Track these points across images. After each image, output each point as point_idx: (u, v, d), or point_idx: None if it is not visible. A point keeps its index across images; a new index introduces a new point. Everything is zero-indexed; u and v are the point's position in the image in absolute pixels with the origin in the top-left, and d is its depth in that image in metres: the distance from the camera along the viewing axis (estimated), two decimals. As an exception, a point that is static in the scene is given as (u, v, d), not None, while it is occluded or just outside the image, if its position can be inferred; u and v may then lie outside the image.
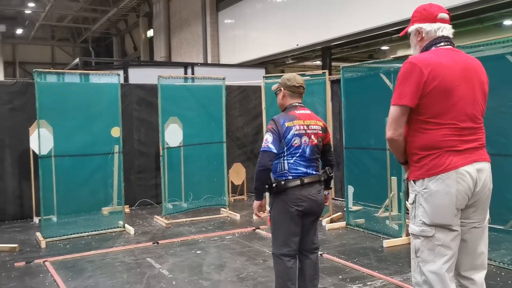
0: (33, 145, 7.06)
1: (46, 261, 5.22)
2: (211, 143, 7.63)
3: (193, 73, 10.09)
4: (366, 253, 5.30)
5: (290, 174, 3.39)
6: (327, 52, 13.57)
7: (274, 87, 3.75)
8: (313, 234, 3.58)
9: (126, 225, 6.60)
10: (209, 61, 16.36)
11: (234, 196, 8.80)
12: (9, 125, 7.35)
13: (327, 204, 3.80)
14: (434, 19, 2.68)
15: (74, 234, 6.31)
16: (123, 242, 6.02)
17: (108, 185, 7.14)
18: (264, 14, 14.08)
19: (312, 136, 3.47)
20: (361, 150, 6.43)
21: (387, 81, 6.02)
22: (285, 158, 3.41)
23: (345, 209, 6.71)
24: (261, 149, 3.37)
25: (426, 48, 2.69)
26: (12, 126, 7.37)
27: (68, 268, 5.01)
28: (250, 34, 14.87)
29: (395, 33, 10.70)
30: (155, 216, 7.32)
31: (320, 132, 3.54)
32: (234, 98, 9.10)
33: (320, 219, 6.72)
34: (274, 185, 3.38)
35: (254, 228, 6.45)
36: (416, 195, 2.61)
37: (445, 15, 2.70)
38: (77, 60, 10.82)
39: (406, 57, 5.41)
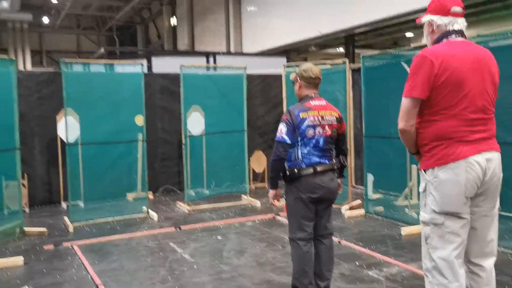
0: (61, 133, 7.30)
1: (74, 244, 5.45)
2: (232, 132, 7.76)
3: (215, 62, 10.20)
4: (384, 241, 5.36)
5: (303, 163, 3.49)
6: (350, 40, 13.46)
7: (292, 76, 3.83)
8: (326, 220, 3.68)
9: (150, 211, 6.79)
10: (232, 49, 16.43)
11: (255, 184, 8.93)
12: (38, 113, 7.61)
13: (340, 191, 3.89)
14: (446, 12, 2.70)
15: (100, 218, 6.53)
16: (146, 227, 6.21)
17: (133, 172, 7.35)
18: (286, 1, 14.02)
19: (326, 127, 3.55)
20: (381, 139, 6.45)
21: (408, 69, 6.02)
22: (299, 147, 3.51)
23: (364, 197, 6.77)
24: (276, 139, 3.48)
25: (437, 40, 2.74)
26: (41, 114, 7.62)
27: (95, 251, 5.23)
28: (273, 21, 14.83)
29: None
30: (178, 202, 7.51)
31: (335, 122, 3.62)
32: (255, 87, 9.18)
33: (340, 206, 6.81)
34: (287, 173, 3.50)
35: (274, 215, 6.57)
36: (426, 183, 2.69)
37: (458, 9, 2.72)
38: (102, 49, 11.00)
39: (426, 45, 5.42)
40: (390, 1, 9.97)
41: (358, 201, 7.08)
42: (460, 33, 2.71)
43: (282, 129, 3.49)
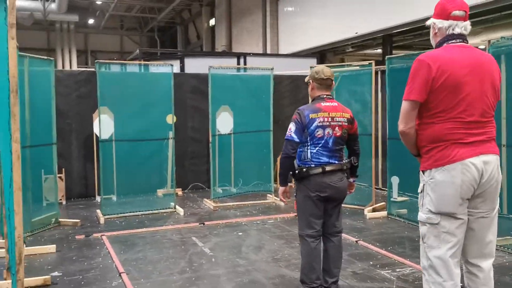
0: (96, 130, 7.68)
1: (103, 235, 5.76)
2: (259, 131, 7.94)
3: (245, 63, 10.40)
4: (402, 242, 5.40)
5: (312, 162, 3.62)
6: (388, 40, 13.33)
7: (306, 79, 3.96)
8: (335, 219, 3.79)
9: (177, 207, 7.06)
10: (268, 50, 16.62)
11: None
12: (76, 111, 8.03)
13: (352, 191, 3.99)
14: (447, 16, 2.76)
15: (130, 212, 6.85)
16: (172, 221, 6.48)
17: (163, 168, 7.66)
18: (323, 1, 14.04)
19: (336, 128, 3.66)
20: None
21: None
22: (308, 147, 3.64)
23: (387, 199, 6.78)
24: (285, 138, 3.63)
25: (439, 44, 2.81)
26: (78, 112, 8.04)
27: (122, 242, 5.52)
28: (309, 22, 14.88)
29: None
30: (205, 199, 7.75)
31: (346, 123, 3.72)
32: (284, 87, 9.33)
33: (363, 208, 6.87)
34: (297, 171, 3.64)
35: (296, 214, 6.68)
36: (424, 184, 2.77)
37: (459, 13, 2.75)
38: (137, 51, 11.43)
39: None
40: (429, 0, 9.86)
41: (382, 203, 7.11)
42: (461, 37, 2.75)
43: (291, 128, 3.64)
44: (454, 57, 2.68)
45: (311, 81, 3.84)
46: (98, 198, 7.88)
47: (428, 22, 2.87)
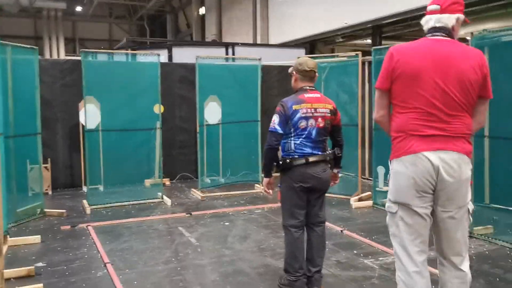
0: (82, 119, 7.63)
1: (89, 225, 5.75)
2: (248, 122, 7.93)
3: (233, 53, 10.35)
4: (386, 232, 5.33)
5: (296, 153, 3.63)
6: (377, 31, 13.33)
7: (290, 70, 3.95)
8: (318, 209, 3.81)
9: (165, 197, 7.05)
10: (258, 40, 16.52)
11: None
12: (61, 100, 7.96)
13: (337, 182, 4.02)
14: (426, 13, 2.81)
15: (117, 202, 6.83)
16: (159, 212, 6.48)
17: (151, 159, 7.64)
18: (313, -9, 13.98)
19: (319, 119, 3.67)
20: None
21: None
22: (292, 138, 3.65)
23: (373, 189, 6.83)
24: (269, 130, 3.64)
25: None
26: (64, 101, 7.97)
27: (108, 232, 5.51)
28: (299, 11, 14.82)
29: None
30: (192, 189, 7.75)
31: (329, 114, 3.73)
32: (273, 78, 9.31)
33: (349, 197, 6.91)
34: (280, 162, 3.65)
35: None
36: (389, 174, 2.88)
37: (433, 7, 2.77)
38: (124, 40, 11.32)
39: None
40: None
41: (368, 193, 7.16)
42: (438, 30, 2.73)
43: (275, 119, 3.64)
44: (419, 48, 2.70)
45: (294, 72, 3.84)
46: (84, 188, 7.84)
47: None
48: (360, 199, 6.91)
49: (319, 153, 3.69)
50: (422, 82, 2.65)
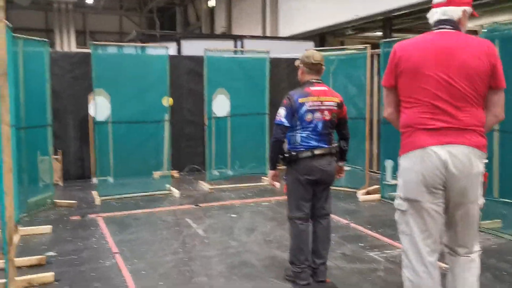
0: (92, 111, 7.70)
1: (98, 216, 5.84)
2: (256, 114, 7.96)
3: (242, 46, 10.36)
4: (393, 225, 5.39)
5: (302, 146, 3.66)
6: (388, 23, 13.24)
7: (296, 63, 3.97)
8: (324, 202, 3.84)
9: (173, 189, 7.12)
10: (268, 32, 16.50)
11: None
12: (71, 92, 8.05)
13: (342, 175, 4.04)
14: (433, 6, 2.79)
15: (126, 194, 6.91)
16: (167, 203, 6.55)
17: (159, 151, 7.69)
18: (323, -17, 13.91)
19: (325, 112, 3.68)
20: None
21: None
22: (298, 131, 3.67)
23: (383, 182, 6.82)
24: (275, 122, 3.67)
25: None
26: (74, 93, 8.05)
27: (116, 223, 5.59)
28: (309, 4, 14.75)
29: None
30: (200, 181, 7.81)
31: (335, 108, 3.74)
32: (282, 70, 9.31)
33: (356, 191, 6.93)
34: (286, 155, 3.68)
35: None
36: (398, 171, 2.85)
37: (437, 0, 2.75)
38: (134, 32, 11.37)
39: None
40: (427, -16, 9.75)
41: (376, 186, 7.16)
42: (443, 23, 2.70)
43: (281, 112, 3.67)
44: (420, 43, 2.70)
45: (301, 65, 3.85)
46: (94, 180, 7.93)
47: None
48: (367, 193, 6.92)
49: (325, 146, 3.71)
50: (425, 76, 2.62)
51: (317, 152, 3.67)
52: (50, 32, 26.84)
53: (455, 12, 2.70)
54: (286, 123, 3.64)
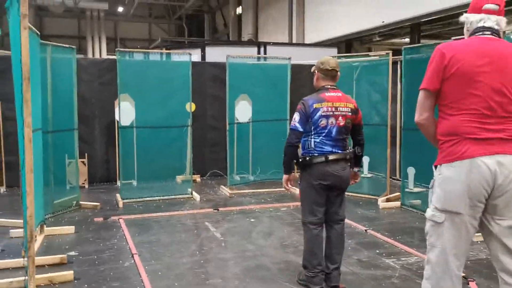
0: (118, 116, 7.91)
1: (120, 218, 5.99)
2: (278, 120, 8.02)
3: (265, 52, 10.45)
4: (411, 232, 5.43)
5: (316, 151, 3.69)
6: (416, 29, 13.10)
7: (312, 69, 4.02)
8: (337, 207, 3.85)
9: (194, 193, 7.23)
10: (294, 39, 16.55)
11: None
12: (99, 98, 8.28)
13: (357, 180, 4.05)
14: (479, 10, 2.67)
15: (149, 197, 7.06)
16: (188, 207, 6.66)
17: (183, 155, 7.83)
18: (351, -12, 13.87)
19: (340, 118, 3.71)
20: (420, 132, 6.41)
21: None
22: (312, 136, 3.71)
23: (405, 189, 6.76)
24: (290, 127, 3.73)
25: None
26: (102, 99, 8.28)
27: (138, 225, 5.73)
28: (336, 10, 14.73)
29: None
30: (222, 186, 7.90)
31: (349, 113, 3.77)
32: (305, 77, 9.30)
33: (377, 197, 6.89)
34: (300, 160, 3.72)
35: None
36: (434, 180, 2.66)
37: (491, 6, 2.65)
38: (159, 40, 11.61)
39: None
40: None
41: (397, 194, 7.10)
42: (490, 30, 2.63)
43: (295, 117, 3.73)
44: (472, 47, 2.57)
45: (316, 71, 3.90)
46: (119, 183, 8.12)
47: (461, 19, 2.74)
48: (388, 200, 6.87)
49: (339, 151, 3.73)
50: (478, 82, 2.51)
51: (331, 157, 3.70)
52: (82, 39, 27.62)
53: (502, 21, 2.67)
54: (300, 128, 3.69)
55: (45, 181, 5.68)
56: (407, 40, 15.19)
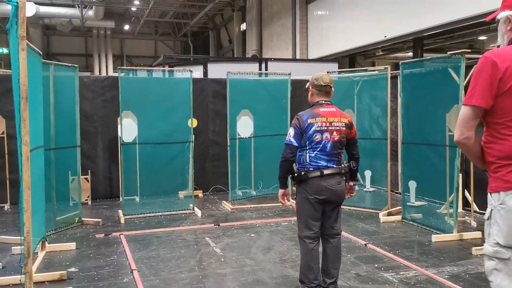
0: (120, 133, 8.00)
1: (121, 234, 6.02)
2: (279, 135, 8.06)
3: (266, 68, 10.56)
4: (411, 246, 5.42)
5: (311, 166, 3.75)
6: (418, 43, 13.17)
7: (306, 85, 4.08)
8: (333, 221, 3.88)
9: (196, 208, 7.27)
10: (298, 54, 16.70)
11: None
12: (102, 114, 8.38)
13: (353, 194, 4.07)
14: None
15: (151, 213, 7.10)
16: (189, 222, 6.69)
17: (185, 171, 7.88)
18: (353, 5, 13.98)
19: (334, 133, 3.77)
20: (420, 146, 6.44)
21: (455, 76, 5.93)
22: (307, 151, 3.77)
23: (406, 203, 6.75)
24: (284, 142, 3.78)
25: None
26: (104, 115, 8.39)
27: (138, 241, 5.76)
28: (339, 25, 14.86)
29: (493, 23, 10.12)
30: (223, 201, 7.92)
31: (344, 128, 3.82)
32: (305, 92, 9.36)
33: (378, 211, 6.89)
34: (296, 174, 3.77)
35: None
36: (492, 210, 2.29)
37: None
38: (161, 57, 11.78)
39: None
40: (461, 3, 9.64)
41: (399, 208, 7.09)
42: None
43: (290, 132, 3.78)
44: None
45: (310, 87, 3.96)
46: (122, 199, 8.17)
47: (500, 15, 2.39)
48: (389, 214, 6.87)
49: (334, 165, 3.77)
50: None
51: (326, 171, 3.74)
52: (89, 57, 28.02)
53: None
54: (294, 143, 3.74)
55: (47, 198, 5.76)
56: (410, 54, 15.29)
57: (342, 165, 3.86)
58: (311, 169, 3.76)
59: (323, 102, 3.89)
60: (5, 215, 7.22)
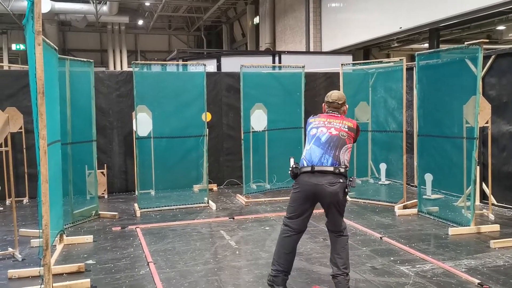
0: (135, 127, 8.05)
1: (138, 227, 6.08)
2: (293, 128, 8.06)
3: (280, 61, 10.52)
4: (427, 239, 5.38)
5: (305, 161, 3.86)
6: (434, 34, 12.98)
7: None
8: (334, 219, 3.90)
9: (210, 202, 7.30)
10: (311, 47, 16.60)
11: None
12: (117, 109, 8.44)
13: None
14: None
15: (166, 206, 7.15)
16: (204, 215, 6.72)
17: (199, 165, 7.93)
18: (367, -4, 13.85)
19: (332, 129, 3.89)
20: (436, 138, 6.38)
21: (472, 67, 5.84)
22: (305, 146, 3.97)
23: (422, 196, 6.69)
24: None
25: None
26: (120, 110, 8.45)
27: (154, 234, 5.81)
28: (353, 17, 14.73)
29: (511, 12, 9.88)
30: (238, 195, 7.95)
31: (345, 129, 3.92)
32: (319, 85, 9.37)
33: (394, 205, 6.84)
34: (293, 168, 3.91)
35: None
36: None
37: None
38: (175, 51, 11.81)
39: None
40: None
41: (414, 201, 7.03)
42: None
43: None
44: None
45: (324, 103, 4.18)
46: (137, 192, 8.24)
47: None
48: (405, 207, 6.82)
49: (328, 164, 3.76)
50: None
51: (317, 168, 3.77)
52: (104, 52, 28.19)
53: None
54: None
55: (65, 192, 5.84)
56: (426, 45, 15.08)
57: (341, 166, 3.79)
58: (304, 164, 3.86)
59: (331, 111, 4.07)
60: (24, 209, 7.33)
